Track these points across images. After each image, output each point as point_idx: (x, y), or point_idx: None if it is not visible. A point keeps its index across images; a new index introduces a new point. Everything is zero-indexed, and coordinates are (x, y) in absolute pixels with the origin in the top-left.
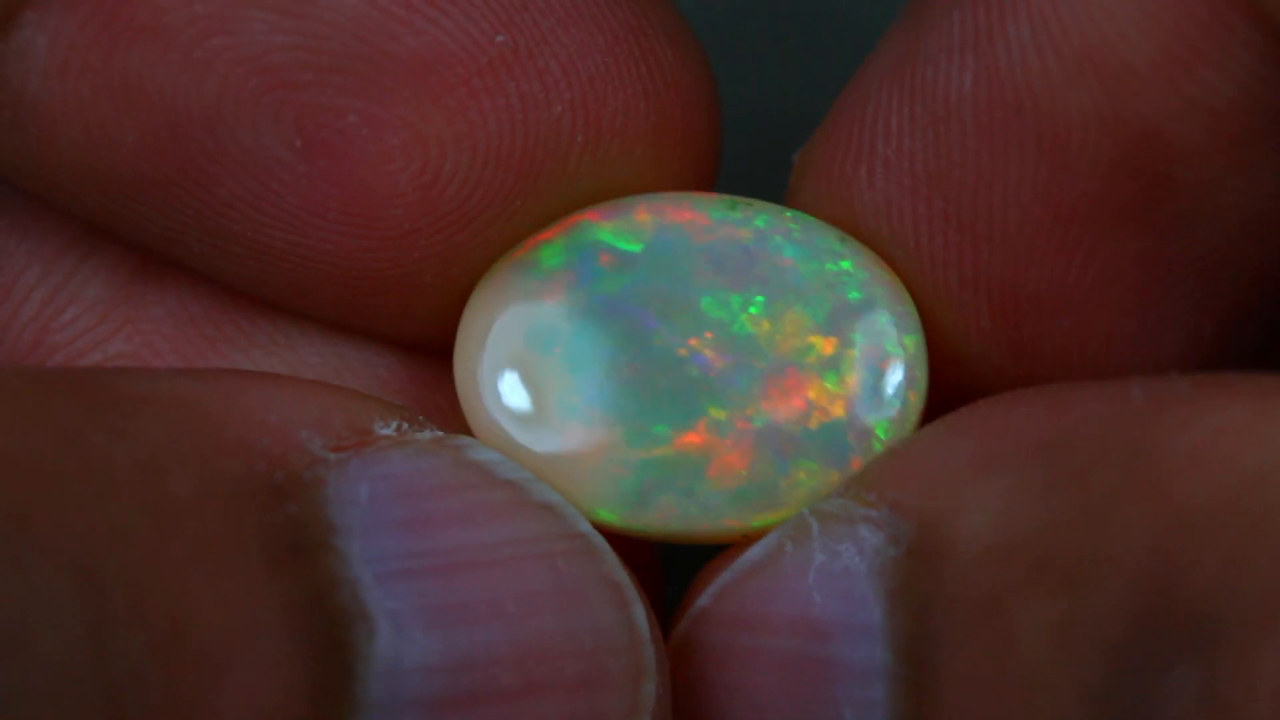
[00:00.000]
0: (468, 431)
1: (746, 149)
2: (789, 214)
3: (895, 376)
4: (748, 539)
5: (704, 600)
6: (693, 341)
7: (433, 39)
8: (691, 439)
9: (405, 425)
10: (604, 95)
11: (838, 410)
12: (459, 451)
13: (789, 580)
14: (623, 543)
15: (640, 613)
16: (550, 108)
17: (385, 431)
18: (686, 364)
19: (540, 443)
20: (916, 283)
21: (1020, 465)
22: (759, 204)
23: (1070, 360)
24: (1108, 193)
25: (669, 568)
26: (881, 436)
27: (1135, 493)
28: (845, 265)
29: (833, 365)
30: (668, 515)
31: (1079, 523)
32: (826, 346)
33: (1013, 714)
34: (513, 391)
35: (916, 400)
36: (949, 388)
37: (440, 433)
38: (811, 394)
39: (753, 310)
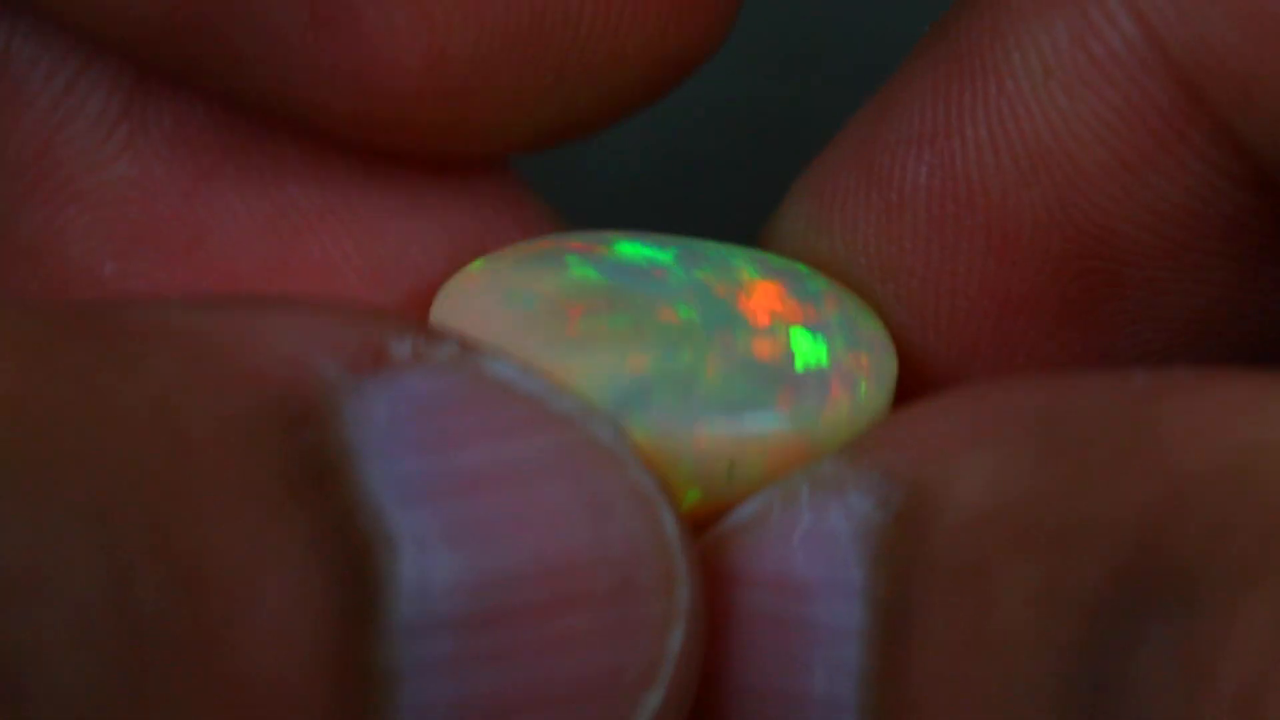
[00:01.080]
0: None
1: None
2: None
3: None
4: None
5: None
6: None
7: None
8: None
9: (422, 342)
10: None
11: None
12: (478, 367)
13: (774, 539)
14: None
15: (669, 520)
16: None
17: (401, 351)
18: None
19: None
20: None
21: (1016, 436)
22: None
23: None
24: (1054, 289)
25: None
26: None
27: (1127, 464)
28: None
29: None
30: (663, 415)
31: (1069, 490)
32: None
33: (988, 675)
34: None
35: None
36: None
37: (458, 346)
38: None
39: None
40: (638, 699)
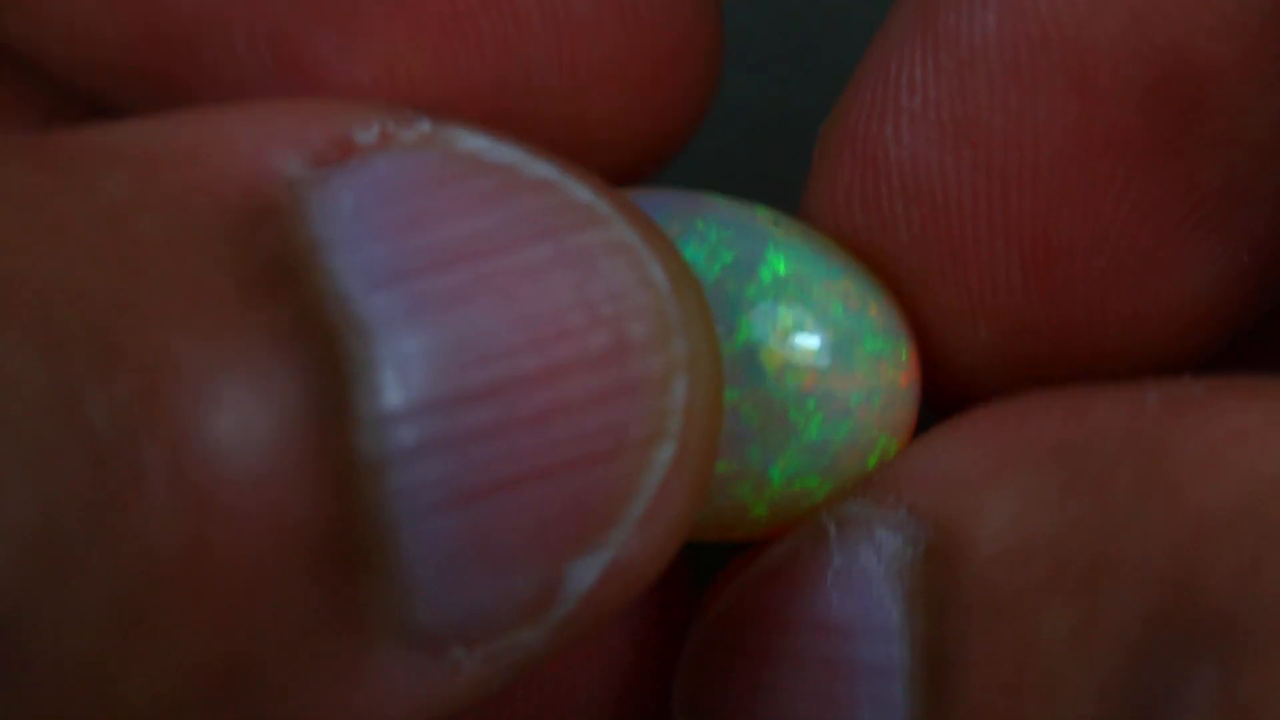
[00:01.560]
0: None
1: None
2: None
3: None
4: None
5: (721, 605)
6: None
7: None
8: None
9: (390, 123)
10: (582, 42)
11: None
12: (448, 144)
13: (806, 582)
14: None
15: (658, 270)
16: (526, 51)
17: (367, 138)
18: None
19: None
20: (944, 239)
21: (1036, 469)
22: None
23: (1104, 303)
24: (1140, 122)
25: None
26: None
27: (1151, 496)
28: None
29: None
30: None
31: (1096, 526)
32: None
33: (1032, 714)
34: None
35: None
36: (980, 348)
37: (428, 125)
38: None
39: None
40: (647, 456)
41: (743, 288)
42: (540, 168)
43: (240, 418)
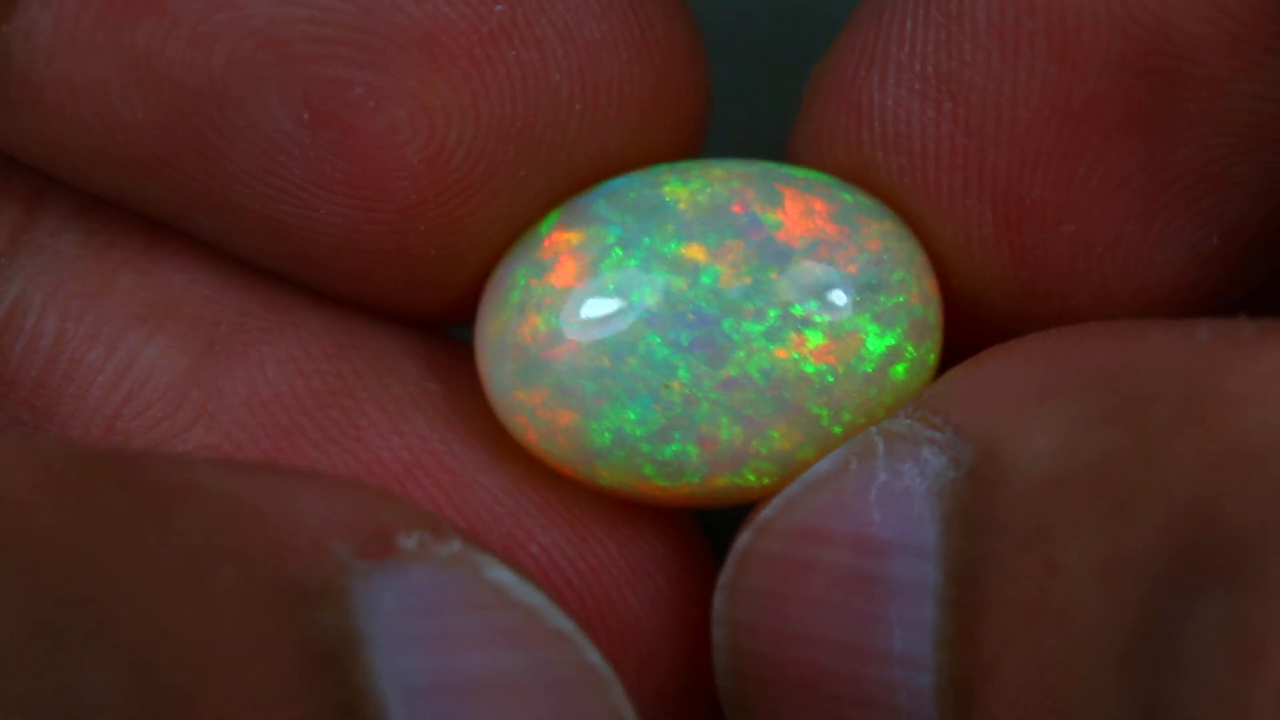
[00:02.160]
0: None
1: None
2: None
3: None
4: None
5: (768, 511)
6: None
7: (435, 9)
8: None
9: (428, 536)
10: (600, 62)
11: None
12: (477, 569)
13: (851, 496)
14: (666, 518)
15: None
16: (549, 76)
17: (407, 543)
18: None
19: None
20: (920, 189)
21: (1082, 395)
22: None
23: (1073, 269)
24: (1117, 92)
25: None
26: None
27: (1186, 428)
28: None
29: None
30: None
31: (1131, 455)
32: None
33: (1052, 641)
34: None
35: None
36: (949, 298)
37: (458, 545)
38: None
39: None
40: None
41: None
42: (559, 618)
43: None
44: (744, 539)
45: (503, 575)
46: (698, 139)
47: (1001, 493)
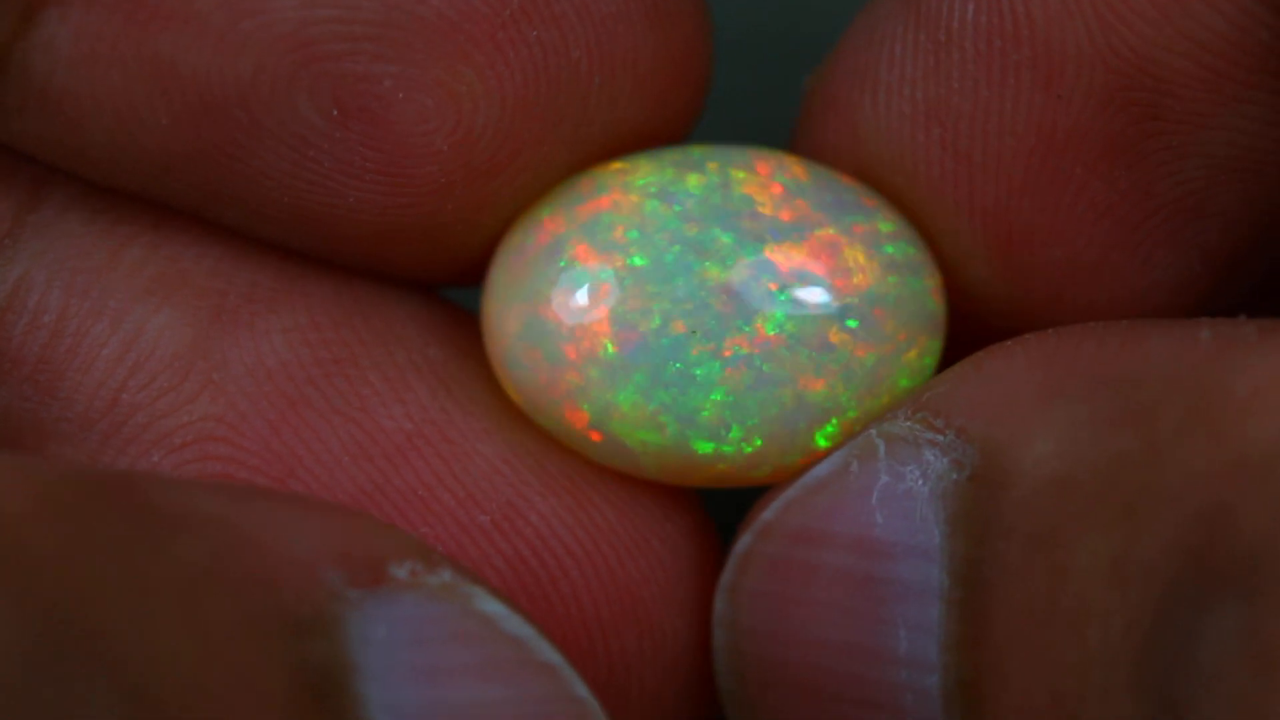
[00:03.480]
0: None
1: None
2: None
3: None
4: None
5: (768, 514)
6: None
7: None
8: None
9: (419, 565)
10: (616, 35)
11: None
12: (467, 601)
13: (853, 498)
14: (669, 497)
15: None
16: (569, 52)
17: (399, 573)
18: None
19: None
20: (915, 209)
21: (1086, 397)
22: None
23: (1062, 290)
24: (1100, 124)
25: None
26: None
27: (1194, 432)
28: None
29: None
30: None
31: (1140, 459)
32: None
33: (1062, 644)
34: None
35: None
36: (950, 315)
37: (449, 575)
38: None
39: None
40: None
41: None
42: (548, 651)
43: None
44: (744, 542)
45: (493, 607)
46: (700, 103)
47: (1007, 495)
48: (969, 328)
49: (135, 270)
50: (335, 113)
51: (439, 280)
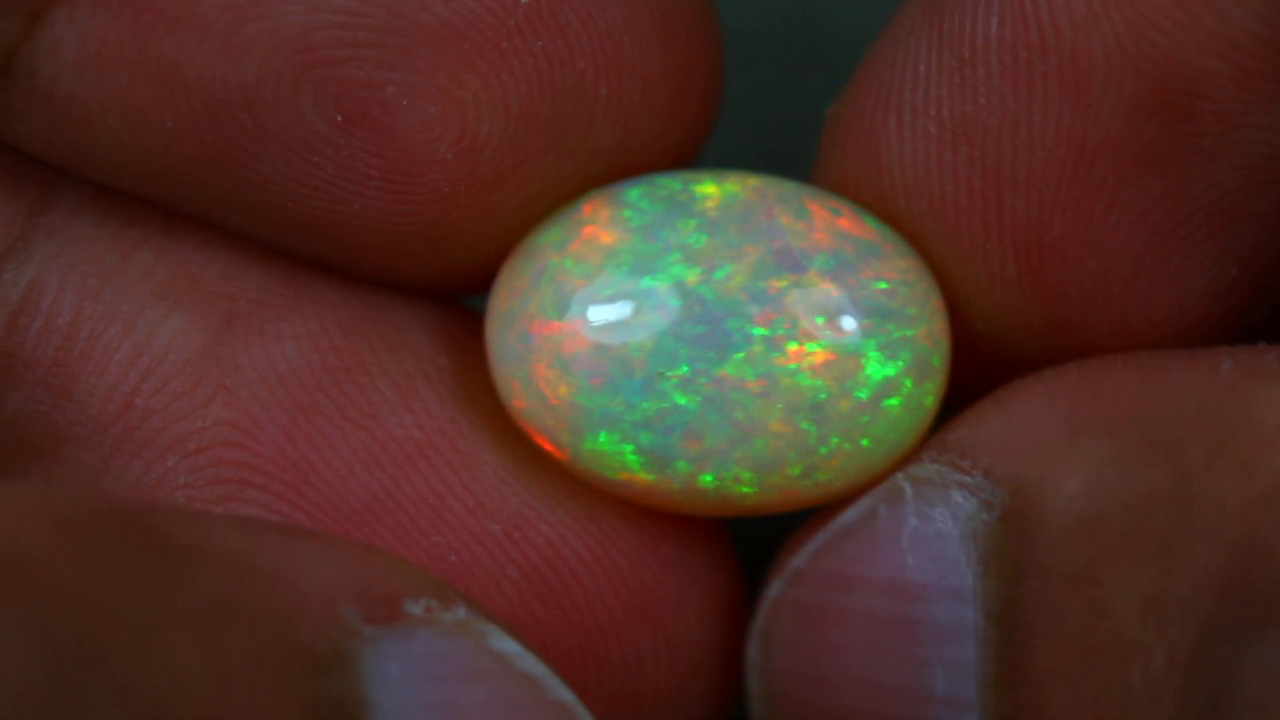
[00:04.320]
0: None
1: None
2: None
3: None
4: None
5: (799, 561)
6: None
7: (462, 6)
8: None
9: (434, 602)
10: (623, 46)
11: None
12: (482, 638)
13: (883, 542)
14: (700, 529)
15: None
16: (575, 63)
17: (415, 609)
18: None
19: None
20: (941, 232)
21: (1112, 435)
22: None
23: (1095, 304)
24: (1131, 130)
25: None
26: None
27: (1223, 465)
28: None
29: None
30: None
31: (1170, 494)
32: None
33: (1103, 680)
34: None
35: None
36: (972, 339)
37: (464, 612)
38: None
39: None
40: None
41: None
42: (561, 690)
43: None
44: (775, 588)
45: (507, 645)
46: (712, 117)
47: (1039, 535)
48: (994, 363)
49: (145, 274)
50: (339, 119)
51: (445, 289)
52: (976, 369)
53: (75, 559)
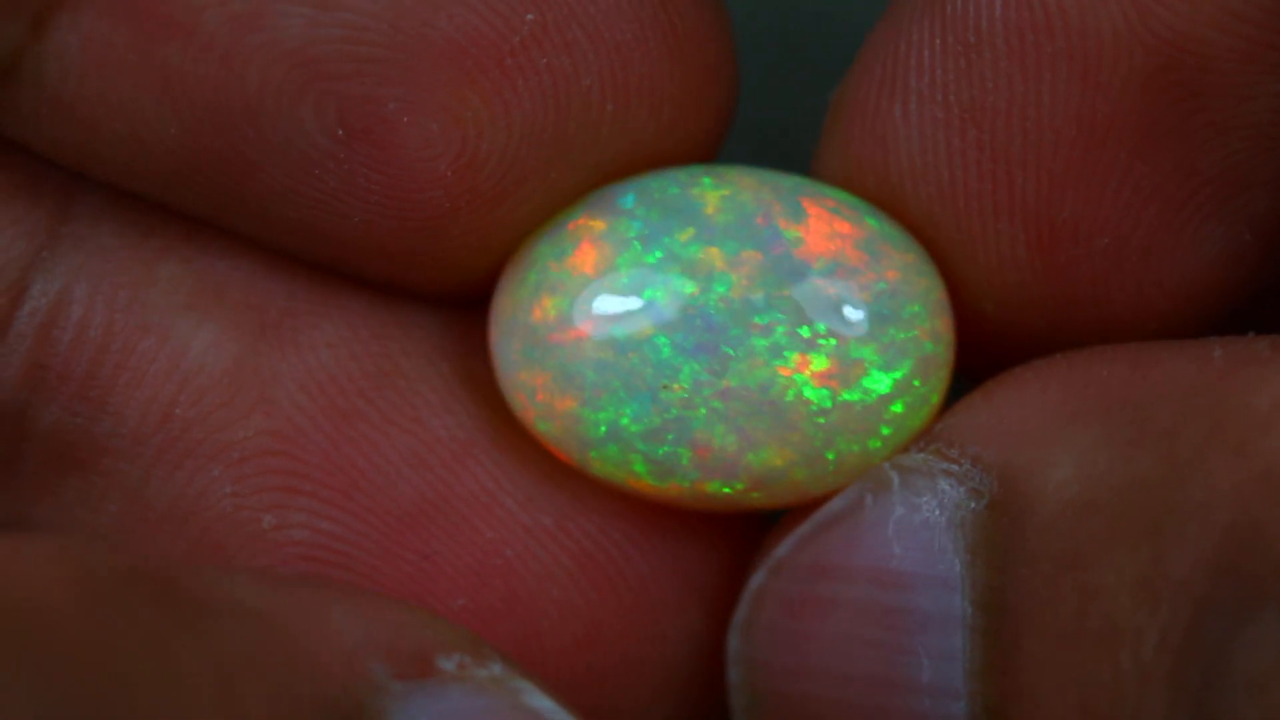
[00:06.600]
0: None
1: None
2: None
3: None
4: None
5: (781, 550)
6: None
7: (466, 22)
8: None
9: (467, 658)
10: (630, 63)
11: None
12: (516, 695)
13: (869, 531)
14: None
15: None
16: (581, 80)
17: (447, 665)
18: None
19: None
20: (950, 216)
21: (1102, 421)
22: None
23: (1109, 281)
24: (1141, 108)
25: None
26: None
27: (1216, 449)
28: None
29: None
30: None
31: (1161, 479)
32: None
33: (1093, 664)
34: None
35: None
36: (982, 325)
37: (499, 668)
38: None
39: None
40: None
41: None
42: None
43: None
44: (758, 579)
45: (542, 703)
46: (724, 128)
47: (1028, 521)
48: (1005, 349)
49: (173, 285)
50: (340, 133)
51: (451, 297)
52: (989, 353)
53: (93, 617)
